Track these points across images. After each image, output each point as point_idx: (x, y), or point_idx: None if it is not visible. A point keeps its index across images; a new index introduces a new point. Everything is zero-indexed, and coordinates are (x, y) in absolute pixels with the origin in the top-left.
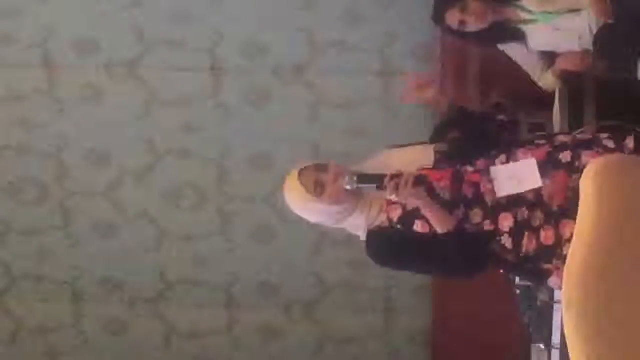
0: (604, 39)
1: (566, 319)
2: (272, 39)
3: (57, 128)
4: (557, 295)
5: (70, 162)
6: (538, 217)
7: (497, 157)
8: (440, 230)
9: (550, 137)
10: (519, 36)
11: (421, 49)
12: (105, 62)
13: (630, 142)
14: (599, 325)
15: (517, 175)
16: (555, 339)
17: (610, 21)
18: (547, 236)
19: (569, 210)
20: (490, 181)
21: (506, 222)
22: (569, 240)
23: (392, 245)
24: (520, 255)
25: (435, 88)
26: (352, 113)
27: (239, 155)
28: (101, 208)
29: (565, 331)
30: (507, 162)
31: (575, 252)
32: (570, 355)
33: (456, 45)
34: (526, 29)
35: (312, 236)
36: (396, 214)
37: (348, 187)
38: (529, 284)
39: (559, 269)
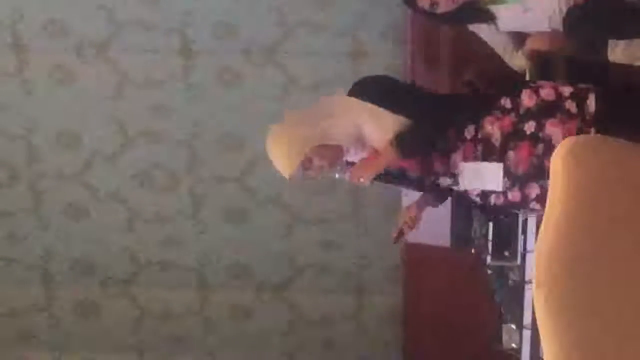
0: (574, 19)
1: (536, 299)
2: (242, 20)
3: (26, 110)
4: (529, 275)
5: (40, 144)
6: (504, 182)
7: (465, 126)
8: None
9: (515, 102)
10: (488, 17)
11: (392, 30)
12: (74, 43)
13: (591, 104)
14: (568, 306)
15: (482, 175)
16: (527, 319)
17: (580, 1)
18: (514, 196)
19: (534, 175)
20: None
21: (474, 190)
22: (535, 200)
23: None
24: (489, 206)
25: None
26: (323, 94)
27: (210, 136)
28: (72, 190)
29: (536, 311)
30: (476, 133)
31: (545, 234)
32: (541, 335)
33: (427, 26)
34: (495, 9)
35: (284, 217)
36: None
37: (337, 176)
38: (501, 264)
39: (526, 214)
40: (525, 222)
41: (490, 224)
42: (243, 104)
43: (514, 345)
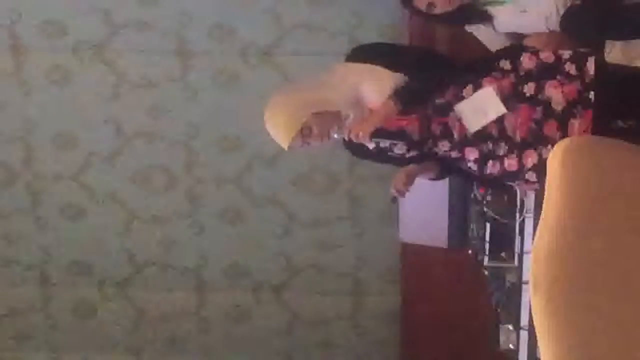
0: (571, 19)
1: (533, 301)
2: (239, 21)
3: (24, 111)
4: (526, 276)
5: (38, 145)
6: (502, 147)
7: (464, 86)
8: None
9: (515, 63)
10: (485, 18)
11: (389, 30)
12: (72, 44)
13: (590, 67)
14: (566, 306)
15: (480, 107)
16: (524, 320)
17: (577, 2)
18: (510, 164)
19: (532, 141)
20: (459, 119)
21: (472, 154)
22: (532, 169)
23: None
24: (485, 175)
25: None
26: None
27: (207, 137)
28: (69, 191)
29: (533, 312)
30: (473, 92)
31: (542, 235)
32: (538, 335)
33: (424, 27)
34: (493, 10)
35: (281, 218)
36: None
37: (336, 136)
38: (498, 265)
39: (521, 186)
40: (522, 223)
41: (488, 225)
42: (240, 105)
43: (511, 346)
